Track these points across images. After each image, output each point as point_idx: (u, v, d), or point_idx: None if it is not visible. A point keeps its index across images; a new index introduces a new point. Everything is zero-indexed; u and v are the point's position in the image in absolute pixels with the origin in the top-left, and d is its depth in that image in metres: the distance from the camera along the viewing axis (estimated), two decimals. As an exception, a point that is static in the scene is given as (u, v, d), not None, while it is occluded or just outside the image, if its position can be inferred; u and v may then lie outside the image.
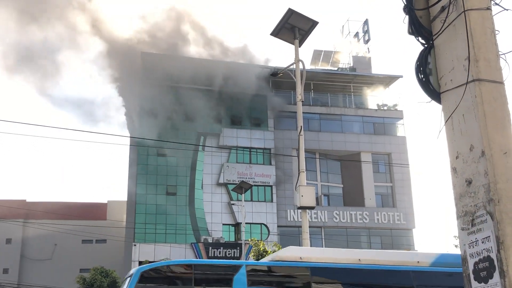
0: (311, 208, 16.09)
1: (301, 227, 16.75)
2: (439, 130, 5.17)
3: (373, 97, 50.53)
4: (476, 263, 4.62)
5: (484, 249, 4.53)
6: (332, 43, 64.43)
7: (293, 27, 17.34)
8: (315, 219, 42.83)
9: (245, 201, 31.54)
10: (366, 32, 52.64)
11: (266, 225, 42.87)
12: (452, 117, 4.98)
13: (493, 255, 4.43)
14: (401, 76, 50.56)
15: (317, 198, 39.65)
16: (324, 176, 46.98)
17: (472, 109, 4.76)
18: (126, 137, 42.64)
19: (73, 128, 56.92)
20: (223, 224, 42.38)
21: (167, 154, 41.88)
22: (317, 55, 52.66)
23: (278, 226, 43.15)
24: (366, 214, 45.26)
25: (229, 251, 39.39)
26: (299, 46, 17.62)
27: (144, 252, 38.60)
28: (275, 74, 22.00)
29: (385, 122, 49.00)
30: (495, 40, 4.95)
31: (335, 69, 52.02)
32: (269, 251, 29.37)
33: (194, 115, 43.13)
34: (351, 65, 51.96)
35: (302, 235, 16.15)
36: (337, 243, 40.33)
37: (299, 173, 16.31)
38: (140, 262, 35.61)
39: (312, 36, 27.30)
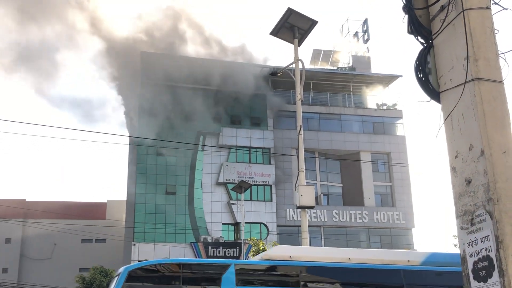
0: (311, 208, 16.07)
1: (300, 226, 16.73)
2: (438, 129, 5.17)
3: (373, 97, 50.52)
4: (475, 262, 4.62)
5: (483, 248, 4.53)
6: (331, 42, 64.39)
7: (293, 26, 17.31)
8: (314, 219, 42.84)
9: (244, 200, 31.52)
10: (366, 31, 52.64)
11: (265, 225, 42.87)
12: (451, 116, 4.98)
13: (492, 254, 4.43)
14: (400, 76, 50.57)
15: (316, 198, 39.67)
16: (323, 176, 46.98)
17: (472, 109, 4.75)
18: (126, 137, 42.68)
19: (72, 127, 56.82)
20: (222, 224, 42.37)
21: (166, 154, 41.83)
22: (316, 54, 52.65)
23: (277, 226, 43.16)
24: (365, 213, 45.26)
25: (228, 250, 39.39)
26: (299, 46, 17.59)
27: (143, 251, 38.57)
28: (274, 73, 21.94)
29: (384, 122, 48.99)
30: (494, 39, 4.94)
31: (335, 68, 52.00)
32: (268, 251, 29.32)
33: (194, 114, 43.10)
34: (351, 64, 51.95)
35: (301, 234, 16.13)
36: (336, 243, 40.28)
37: (298, 173, 16.29)
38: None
39: (312, 35, 27.24)
